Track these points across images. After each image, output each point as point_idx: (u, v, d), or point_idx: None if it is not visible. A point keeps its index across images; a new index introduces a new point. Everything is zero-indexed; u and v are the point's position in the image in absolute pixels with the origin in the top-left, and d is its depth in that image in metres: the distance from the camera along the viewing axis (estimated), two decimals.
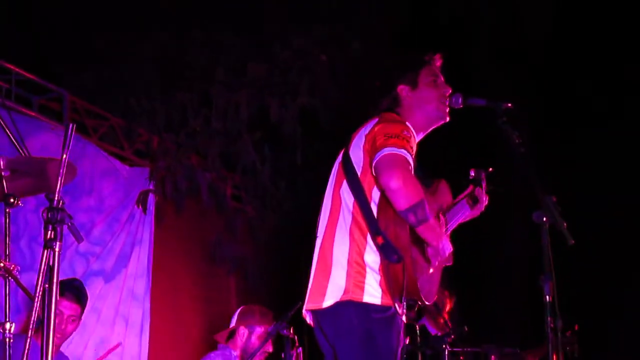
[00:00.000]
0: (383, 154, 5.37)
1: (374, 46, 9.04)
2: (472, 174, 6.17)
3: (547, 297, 5.53)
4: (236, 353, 7.99)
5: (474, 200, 6.07)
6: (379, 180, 5.40)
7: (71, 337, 7.68)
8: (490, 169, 6.20)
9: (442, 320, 7.59)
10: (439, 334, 7.04)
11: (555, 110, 9.36)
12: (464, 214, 6.07)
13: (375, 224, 5.46)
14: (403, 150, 5.40)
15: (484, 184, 6.14)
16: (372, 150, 5.48)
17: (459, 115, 6.03)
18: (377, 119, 5.72)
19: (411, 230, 5.49)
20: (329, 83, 10.09)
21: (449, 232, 5.98)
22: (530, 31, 9.97)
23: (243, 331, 8.04)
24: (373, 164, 5.41)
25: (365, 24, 9.70)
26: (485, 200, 6.12)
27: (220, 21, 9.63)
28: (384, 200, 5.42)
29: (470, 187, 6.11)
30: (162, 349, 10.51)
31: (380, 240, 5.42)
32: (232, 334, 8.11)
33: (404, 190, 5.31)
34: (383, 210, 5.48)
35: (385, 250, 5.41)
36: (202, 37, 9.94)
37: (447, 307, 8.22)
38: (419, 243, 5.60)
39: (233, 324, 8.14)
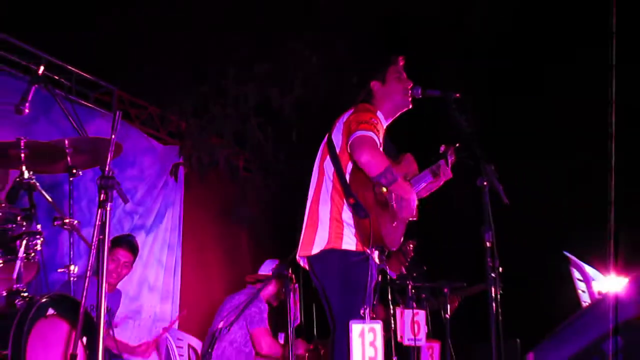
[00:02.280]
0: (355, 135, 5.66)
1: (352, 48, 9.06)
2: (442, 149, 6.33)
3: (487, 243, 5.69)
4: (262, 295, 8.06)
5: (437, 170, 6.23)
6: (353, 156, 5.68)
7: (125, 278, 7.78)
8: (457, 144, 6.33)
9: (400, 268, 7.70)
10: (393, 276, 7.13)
11: (493, 98, 9.37)
12: (427, 181, 6.23)
13: (348, 189, 5.69)
14: (370, 132, 5.69)
15: (450, 159, 6.27)
16: (347, 134, 5.77)
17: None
18: (352, 110, 5.98)
19: (376, 193, 5.68)
20: (318, 78, 10.14)
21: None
22: (473, 33, 10.00)
23: (275, 280, 8.10)
24: (348, 144, 5.65)
25: (345, 31, 9.72)
26: (448, 171, 6.28)
27: (232, 28, 9.64)
28: (355, 171, 5.69)
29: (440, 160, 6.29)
30: (190, 285, 10.64)
31: (351, 200, 5.64)
32: (264, 279, 8.16)
33: (373, 162, 5.59)
34: (354, 178, 5.73)
35: (355, 209, 5.63)
36: (218, 40, 9.95)
37: (411, 254, 8.34)
38: (384, 203, 5.79)
39: (267, 271, 8.22)
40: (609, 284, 7.71)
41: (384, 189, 5.79)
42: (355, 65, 6.99)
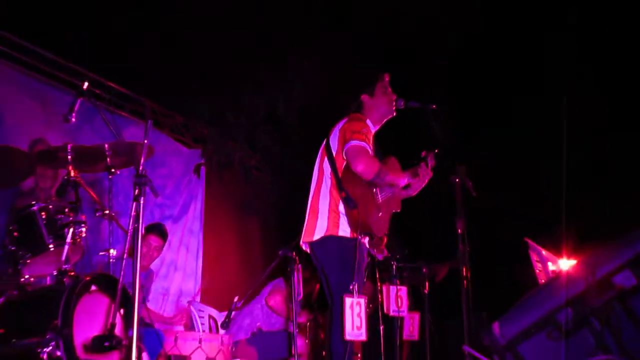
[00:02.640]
0: (350, 145, 5.86)
1: (346, 65, 9.09)
2: (423, 154, 6.39)
3: (459, 229, 5.80)
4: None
5: (417, 172, 6.30)
6: (350, 164, 5.89)
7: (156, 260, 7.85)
8: (436, 150, 6.42)
9: (382, 251, 7.78)
10: (380, 257, 7.18)
11: (463, 106, 9.40)
12: (406, 181, 6.31)
13: (341, 185, 5.81)
14: (363, 142, 5.90)
15: (430, 162, 6.36)
16: (342, 141, 5.94)
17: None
18: (346, 119, 6.10)
19: (363, 189, 5.86)
20: (317, 92, 10.18)
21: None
22: (445, 55, 10.05)
23: None
24: (344, 151, 5.83)
25: (340, 50, 9.75)
26: (428, 173, 6.36)
27: (246, 51, 9.68)
28: (346, 170, 5.88)
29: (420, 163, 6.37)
30: (210, 266, 10.69)
31: (343, 194, 5.81)
32: None
33: (367, 169, 5.81)
34: (345, 176, 5.91)
35: (346, 202, 5.79)
36: (234, 60, 9.97)
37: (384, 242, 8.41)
38: (371, 197, 5.92)
39: None
40: (561, 265, 7.79)
41: (372, 187, 6.00)
42: (348, 81, 7.04)
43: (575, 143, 9.55)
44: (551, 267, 7.63)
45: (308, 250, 6.21)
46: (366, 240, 6.14)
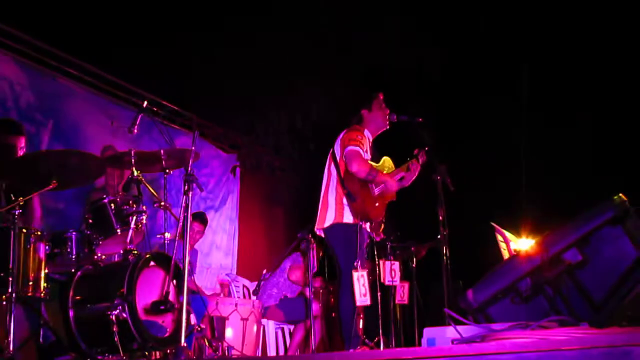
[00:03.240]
0: (347, 150, 5.84)
1: (350, 87, 9.08)
2: (415, 151, 6.35)
3: (440, 216, 5.75)
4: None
5: (409, 166, 6.28)
6: (347, 165, 5.86)
7: (199, 241, 7.81)
8: (427, 148, 6.35)
9: (381, 231, 7.72)
10: (377, 239, 7.12)
11: (445, 119, 9.36)
12: (400, 175, 6.27)
13: (344, 183, 5.82)
14: (356, 147, 5.86)
15: (421, 159, 6.32)
16: (342, 147, 5.88)
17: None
18: (345, 130, 6.15)
19: (361, 185, 5.88)
20: (327, 110, 10.17)
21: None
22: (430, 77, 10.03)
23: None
24: (344, 155, 5.74)
25: (345, 75, 9.73)
26: (418, 167, 6.33)
27: (270, 74, 9.66)
28: (347, 172, 5.86)
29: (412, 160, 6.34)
30: (244, 245, 10.66)
31: (345, 190, 5.77)
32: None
33: (360, 169, 5.82)
34: (346, 176, 5.95)
35: (348, 196, 5.77)
36: (263, 81, 9.96)
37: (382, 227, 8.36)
38: (368, 191, 5.89)
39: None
40: (521, 244, 7.74)
41: (368, 183, 5.99)
42: (350, 101, 7.05)
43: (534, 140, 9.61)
44: (513, 245, 7.58)
45: (322, 235, 6.21)
46: (367, 225, 6.16)
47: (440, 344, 4.18)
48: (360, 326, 7.60)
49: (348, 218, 5.99)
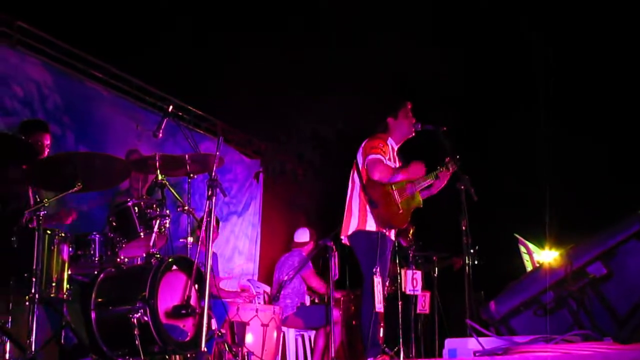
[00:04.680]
0: (369, 158, 5.87)
1: (372, 98, 9.08)
2: (447, 160, 6.25)
3: (463, 227, 5.70)
4: (304, 253, 8.06)
5: (438, 174, 6.23)
6: (369, 173, 5.85)
7: (219, 244, 7.78)
8: (458, 156, 6.26)
9: (408, 239, 7.69)
10: (405, 244, 7.08)
11: (468, 130, 9.30)
12: (429, 182, 6.24)
13: (366, 190, 5.80)
14: (377, 155, 5.85)
15: (451, 167, 6.24)
16: (364, 156, 5.90)
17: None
18: (367, 139, 6.14)
19: (383, 193, 5.86)
20: (351, 118, 10.17)
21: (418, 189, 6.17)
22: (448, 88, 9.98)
23: (312, 242, 8.10)
24: (365, 163, 5.73)
25: (367, 86, 9.73)
26: (447, 176, 6.26)
27: (295, 81, 9.65)
28: (369, 179, 5.80)
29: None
30: (266, 252, 10.63)
31: (367, 198, 5.76)
32: (305, 244, 8.15)
33: (382, 175, 5.83)
34: (368, 184, 5.93)
35: (370, 203, 5.74)
36: (287, 91, 9.97)
37: (411, 232, 8.31)
38: (390, 198, 5.89)
39: (306, 238, 8.19)
40: (544, 256, 7.68)
41: (390, 190, 5.94)
42: (374, 108, 7.04)
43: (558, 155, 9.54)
44: (536, 257, 7.53)
45: (347, 243, 6.22)
46: (392, 232, 6.14)
47: (462, 355, 4.15)
48: (381, 335, 7.58)
49: (371, 225, 5.97)
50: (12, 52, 7.04)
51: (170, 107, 5.84)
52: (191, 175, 5.92)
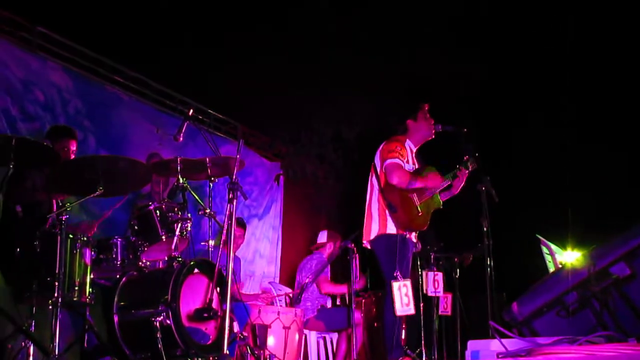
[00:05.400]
0: (387, 163, 5.88)
1: (392, 99, 9.07)
2: (465, 158, 6.27)
3: (484, 227, 5.68)
4: (324, 256, 8.06)
5: (456, 173, 6.24)
6: (387, 178, 5.85)
7: (240, 247, 7.81)
8: (477, 154, 6.28)
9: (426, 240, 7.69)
10: (426, 247, 7.07)
11: (486, 131, 9.23)
12: (447, 183, 6.22)
13: (384, 195, 5.81)
14: (395, 159, 5.85)
15: (472, 165, 6.26)
16: (382, 160, 5.92)
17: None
18: (384, 142, 6.15)
19: (402, 196, 5.86)
20: (371, 120, 10.18)
21: (437, 191, 6.16)
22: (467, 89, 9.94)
23: (331, 244, 8.10)
24: (383, 167, 5.73)
25: (387, 88, 9.72)
26: (465, 175, 6.28)
27: (317, 84, 9.67)
28: (387, 183, 5.81)
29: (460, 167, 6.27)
30: (287, 254, 10.64)
31: (386, 202, 5.78)
32: (322, 246, 8.17)
33: (401, 180, 5.83)
34: (386, 188, 5.93)
35: (389, 207, 5.74)
36: (310, 95, 9.98)
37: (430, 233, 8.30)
38: (409, 201, 5.91)
39: (324, 240, 8.20)
40: (567, 257, 7.63)
41: (409, 193, 5.95)
42: (392, 111, 7.04)
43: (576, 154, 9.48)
44: (558, 258, 7.49)
45: (369, 247, 6.21)
46: (412, 235, 6.12)
47: (485, 357, 4.12)
48: (403, 337, 7.56)
49: (391, 229, 5.97)
50: (33, 57, 7.09)
51: (191, 111, 5.85)
52: (212, 178, 5.95)
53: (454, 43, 9.67)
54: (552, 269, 7.37)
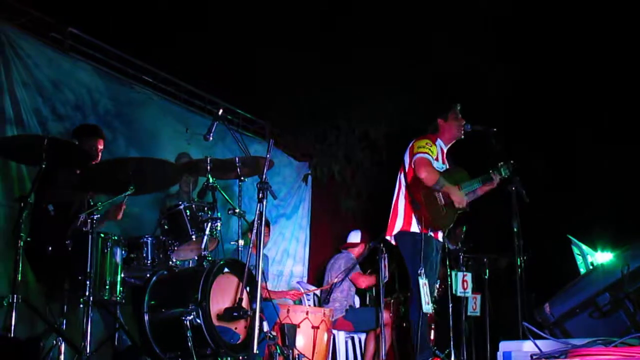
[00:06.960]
0: (416, 157, 5.90)
1: (420, 100, 9.04)
2: (499, 164, 6.27)
3: (515, 228, 5.62)
4: (353, 255, 8.06)
5: (487, 178, 6.23)
6: (416, 171, 5.90)
7: (267, 246, 7.80)
8: (512, 161, 6.28)
9: (454, 240, 7.64)
10: (453, 247, 7.03)
11: (516, 131, 9.12)
12: (477, 186, 6.20)
13: (410, 191, 5.77)
14: (425, 154, 5.88)
15: (504, 174, 6.27)
16: (411, 155, 5.94)
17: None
18: (415, 139, 6.17)
19: (426, 194, 5.89)
20: (399, 120, 10.18)
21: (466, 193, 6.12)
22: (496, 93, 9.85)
23: (362, 244, 8.11)
24: (413, 162, 5.79)
25: (416, 88, 9.70)
26: (497, 179, 6.28)
27: (345, 85, 9.66)
28: (413, 180, 5.87)
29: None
30: (315, 254, 10.63)
31: (410, 199, 5.78)
32: (353, 245, 8.17)
33: (428, 177, 5.82)
34: (412, 184, 5.97)
35: (413, 204, 5.76)
36: (337, 95, 9.98)
37: (459, 233, 8.24)
38: (433, 199, 5.95)
39: (357, 240, 8.20)
40: (598, 257, 7.53)
41: (435, 192, 5.98)
42: (421, 112, 7.02)
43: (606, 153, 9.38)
44: (590, 259, 7.39)
45: (394, 242, 6.20)
46: (438, 234, 6.10)
47: (518, 358, 4.05)
48: (432, 337, 7.51)
49: (415, 226, 6.03)
50: (64, 57, 7.12)
51: (221, 111, 5.84)
52: (242, 178, 5.95)
53: (486, 43, 9.60)
54: (583, 270, 7.26)
